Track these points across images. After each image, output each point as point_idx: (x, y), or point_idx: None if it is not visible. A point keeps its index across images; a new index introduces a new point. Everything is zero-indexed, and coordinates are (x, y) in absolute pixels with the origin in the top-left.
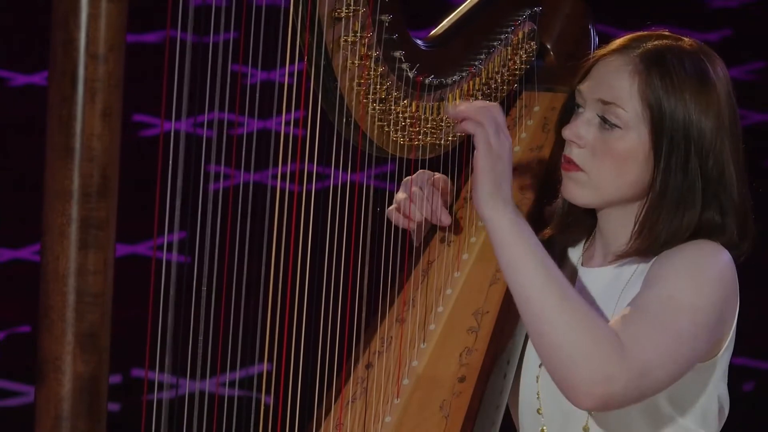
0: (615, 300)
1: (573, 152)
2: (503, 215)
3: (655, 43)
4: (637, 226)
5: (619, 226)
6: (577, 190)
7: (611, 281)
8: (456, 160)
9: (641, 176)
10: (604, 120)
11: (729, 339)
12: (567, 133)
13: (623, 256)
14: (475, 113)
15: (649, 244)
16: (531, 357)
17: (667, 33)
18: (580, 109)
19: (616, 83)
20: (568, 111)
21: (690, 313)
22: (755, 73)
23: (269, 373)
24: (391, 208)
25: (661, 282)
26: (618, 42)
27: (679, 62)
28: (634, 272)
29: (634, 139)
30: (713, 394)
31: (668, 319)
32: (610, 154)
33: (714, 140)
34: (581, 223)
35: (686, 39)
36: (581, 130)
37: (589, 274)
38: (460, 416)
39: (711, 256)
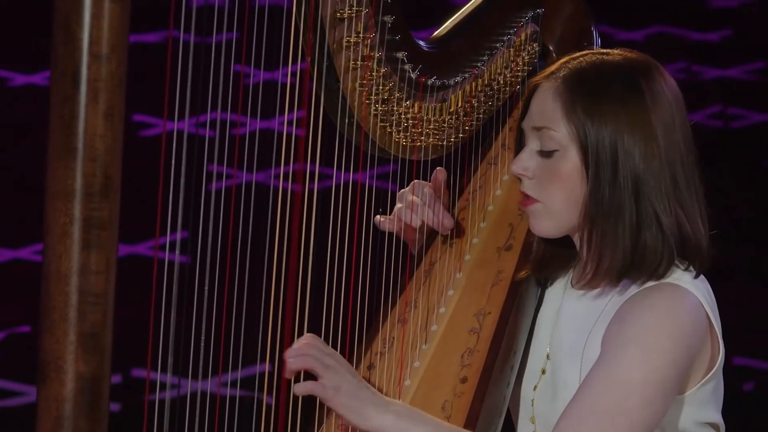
0: (588, 329)
1: (524, 185)
2: (382, 417)
3: (579, 60)
4: (581, 244)
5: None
6: (539, 223)
7: (588, 309)
8: (458, 161)
9: (585, 194)
10: (541, 147)
11: (711, 372)
12: (514, 168)
13: (583, 280)
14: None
15: (597, 263)
16: (532, 363)
17: (596, 50)
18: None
19: (543, 108)
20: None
21: (642, 391)
22: (755, 73)
23: (271, 374)
24: (382, 218)
25: (612, 359)
26: (549, 68)
27: (600, 77)
28: (607, 304)
29: (572, 157)
30: (690, 424)
31: (618, 407)
32: (555, 177)
33: (644, 155)
34: (560, 256)
35: (615, 51)
36: (525, 162)
37: (573, 296)
38: (462, 417)
39: (668, 310)
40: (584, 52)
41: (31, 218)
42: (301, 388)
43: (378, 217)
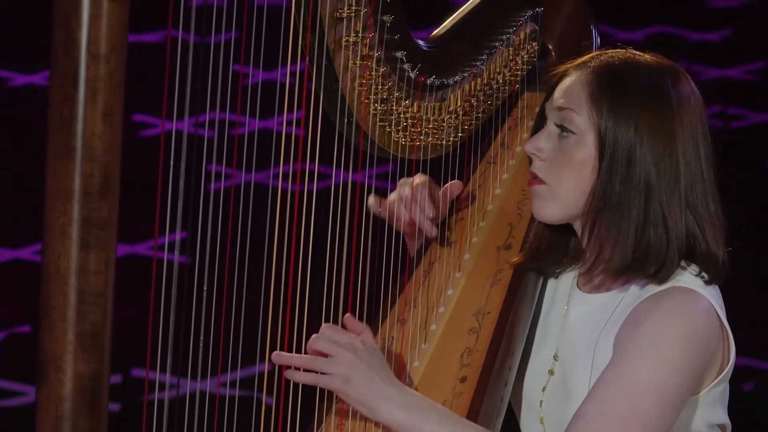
0: (598, 331)
1: (535, 165)
2: (392, 413)
3: (611, 56)
4: (582, 234)
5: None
6: (542, 205)
7: (597, 311)
8: (457, 160)
9: (596, 185)
10: (561, 127)
11: (722, 375)
12: (527, 147)
13: (586, 274)
14: (310, 362)
15: (597, 255)
16: (538, 363)
17: (630, 50)
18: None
19: (569, 92)
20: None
21: (655, 395)
22: (755, 73)
23: (270, 373)
24: (376, 204)
25: (625, 363)
26: (579, 59)
27: (631, 75)
28: (617, 307)
29: (588, 144)
30: (702, 425)
31: (630, 410)
32: (568, 162)
33: (662, 158)
34: (558, 247)
35: (647, 55)
36: (540, 142)
37: (580, 298)
38: (461, 416)
39: (682, 315)
40: (617, 50)
41: (30, 218)
42: (303, 377)
43: (371, 197)
